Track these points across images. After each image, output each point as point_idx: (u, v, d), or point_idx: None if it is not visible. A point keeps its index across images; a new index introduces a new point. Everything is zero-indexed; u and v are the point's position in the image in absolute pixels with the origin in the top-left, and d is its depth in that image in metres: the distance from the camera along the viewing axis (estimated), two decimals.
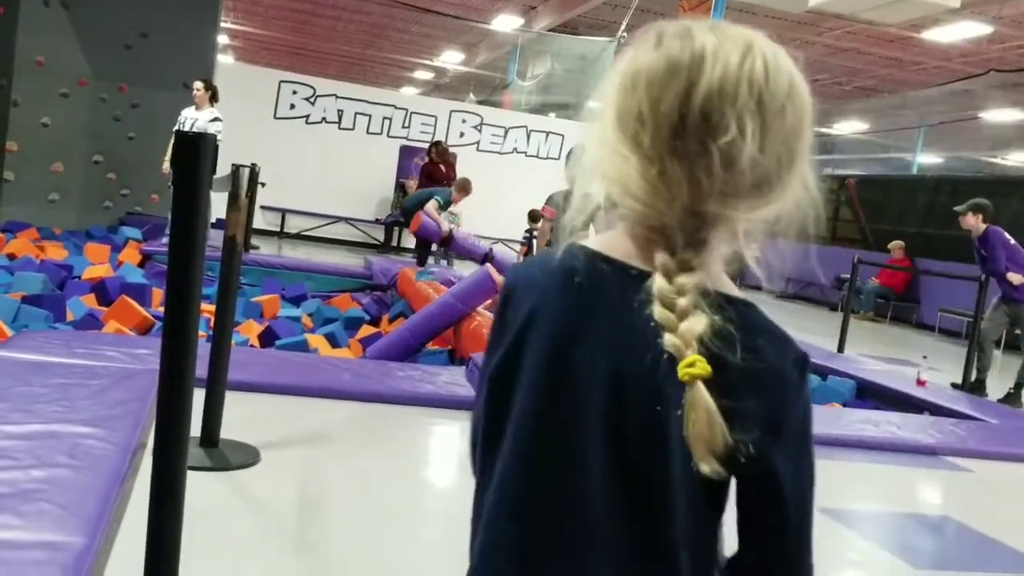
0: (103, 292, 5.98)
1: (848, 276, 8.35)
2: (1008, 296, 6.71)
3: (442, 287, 6.54)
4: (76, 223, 9.80)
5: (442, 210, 8.91)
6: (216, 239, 3.70)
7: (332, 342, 5.66)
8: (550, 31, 17.23)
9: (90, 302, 5.77)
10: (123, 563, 2.12)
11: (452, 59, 22.61)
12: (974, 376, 6.73)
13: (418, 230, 8.91)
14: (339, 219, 13.32)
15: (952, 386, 6.69)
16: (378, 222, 13.60)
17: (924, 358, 6.46)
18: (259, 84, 13.03)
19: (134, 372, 3.47)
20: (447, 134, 13.71)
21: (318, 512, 2.69)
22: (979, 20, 14.26)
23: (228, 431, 3.09)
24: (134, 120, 10.16)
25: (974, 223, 6.78)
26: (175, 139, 1.81)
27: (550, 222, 5.40)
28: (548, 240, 5.48)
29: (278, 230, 13.08)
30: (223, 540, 2.43)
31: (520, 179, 13.07)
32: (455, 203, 9.38)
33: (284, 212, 13.05)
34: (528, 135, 14.19)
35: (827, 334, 9.09)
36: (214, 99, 8.68)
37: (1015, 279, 6.57)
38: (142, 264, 7.69)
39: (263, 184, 10.20)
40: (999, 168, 24.44)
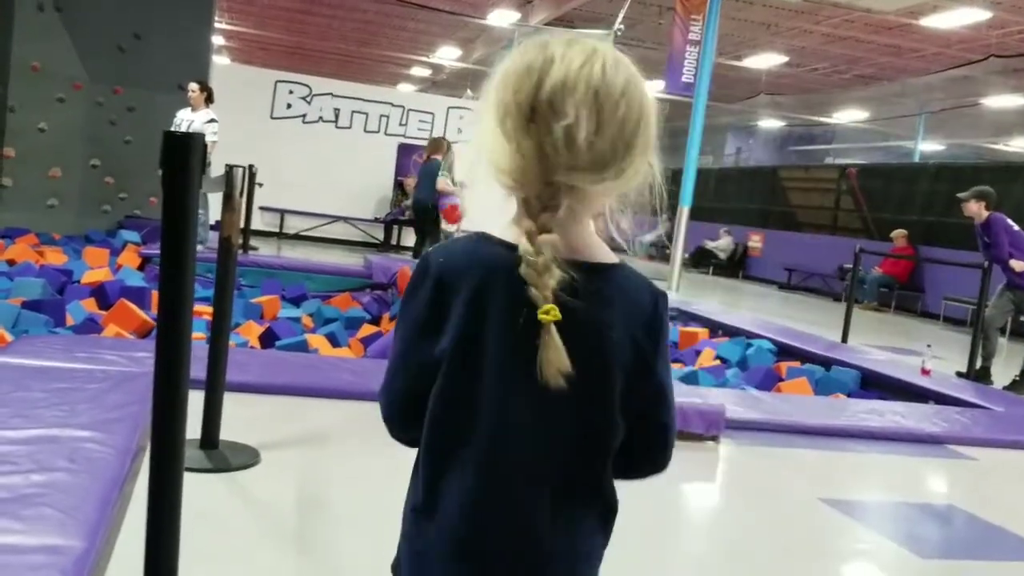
0: (103, 296, 5.97)
1: (851, 266, 8.32)
2: (1012, 283, 6.68)
3: None
4: (75, 228, 9.79)
5: (452, 180, 8.97)
6: (217, 241, 3.68)
7: (333, 342, 5.64)
8: (546, 25, 17.19)
9: (90, 306, 5.75)
10: (123, 566, 2.11)
11: (449, 55, 22.58)
12: (979, 364, 6.71)
13: (457, 218, 8.79)
14: (338, 218, 13.32)
15: (957, 374, 6.67)
16: (377, 221, 13.58)
17: (928, 347, 6.44)
18: (255, 84, 13.01)
19: (133, 375, 3.46)
20: (445, 130, 13.69)
21: (319, 513, 2.67)
22: (977, 6, 14.21)
23: (228, 432, 3.07)
24: (130, 123, 10.15)
25: (977, 210, 6.75)
26: (164, 140, 1.78)
27: None
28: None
29: (277, 231, 13.07)
30: (223, 541, 2.42)
31: None
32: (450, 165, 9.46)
33: (283, 212, 13.04)
34: None
35: (831, 324, 9.07)
36: (210, 100, 8.66)
37: (1018, 266, 6.55)
38: (141, 267, 7.68)
39: (261, 184, 10.21)
40: (1001, 154, 24.38)
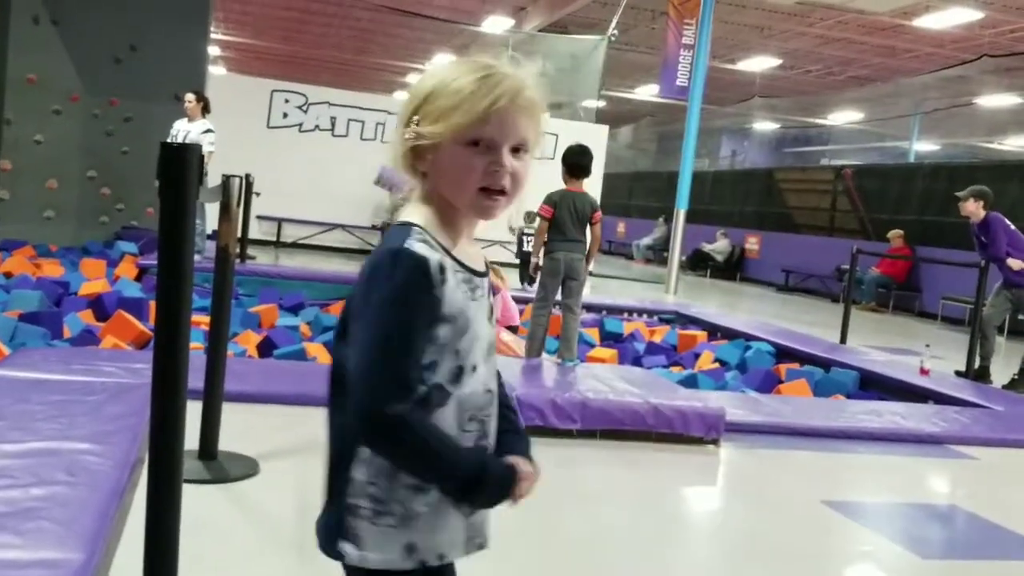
0: (100, 307, 5.96)
1: (848, 267, 8.33)
2: (1010, 281, 6.69)
3: None
4: (72, 239, 9.78)
5: None
6: (214, 251, 3.68)
7: (331, 350, 5.63)
8: (540, 31, 17.23)
9: (87, 318, 5.74)
10: None
11: (444, 62, 22.60)
12: (977, 363, 6.71)
13: None
14: (335, 226, 13.31)
15: (956, 374, 6.67)
16: (374, 228, 13.58)
17: (927, 347, 6.44)
18: (251, 94, 13.01)
19: (131, 387, 3.45)
20: None
21: None
22: (970, 6, 14.26)
23: (227, 443, 3.07)
24: (127, 134, 10.14)
25: (974, 209, 6.76)
26: (161, 150, 1.78)
27: (547, 221, 5.37)
28: (545, 238, 5.44)
29: (274, 239, 13.06)
30: (223, 552, 2.41)
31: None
32: None
33: (280, 221, 13.03)
34: None
35: (829, 326, 9.07)
36: (206, 110, 8.66)
37: (1016, 264, 6.55)
38: (139, 278, 7.67)
39: (258, 194, 10.20)
40: (996, 153, 24.43)
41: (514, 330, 6.88)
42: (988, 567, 2.98)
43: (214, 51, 22.13)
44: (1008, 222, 6.77)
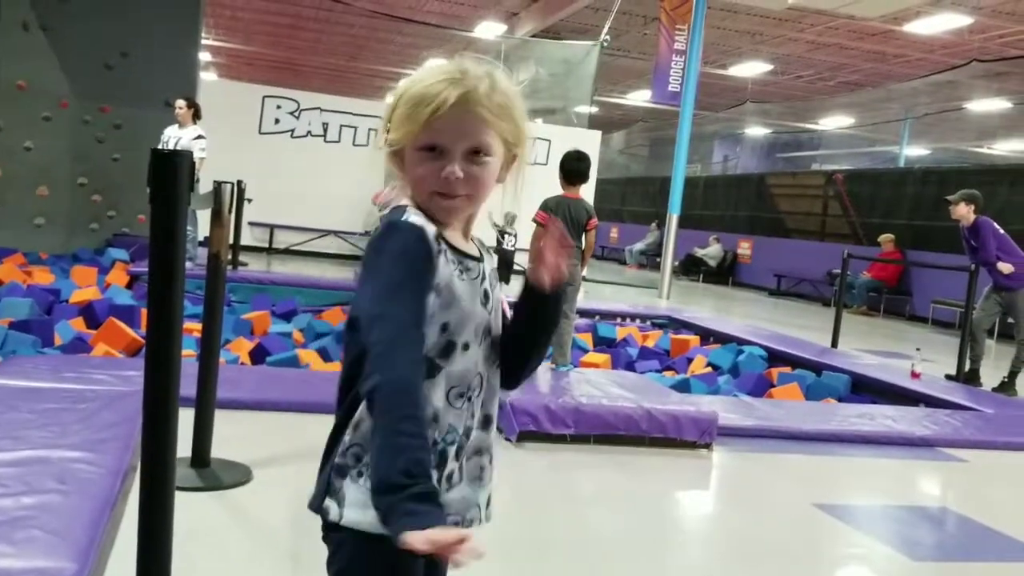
0: (91, 315, 5.94)
1: (839, 271, 8.35)
2: (1000, 285, 6.72)
3: None
4: (63, 247, 9.75)
5: None
6: (206, 258, 3.68)
7: (324, 356, 5.63)
8: (533, 37, 17.26)
9: (78, 325, 5.73)
10: None
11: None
12: (968, 366, 6.73)
13: None
14: (328, 232, 13.29)
15: (946, 377, 6.70)
16: (367, 234, 13.56)
17: (917, 350, 6.46)
18: (243, 100, 12.99)
19: (123, 394, 3.44)
20: None
21: (312, 530, 2.65)
22: (959, 11, 14.34)
23: (220, 450, 3.06)
24: (118, 141, 10.12)
25: (965, 213, 6.79)
26: (152, 157, 1.78)
27: (542, 227, 5.38)
28: (541, 243, 5.45)
29: (266, 246, 13.03)
30: (216, 560, 2.41)
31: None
32: None
33: (272, 227, 13.01)
34: None
35: (821, 329, 9.10)
36: (197, 117, 8.65)
37: (1005, 268, 6.59)
38: (130, 285, 7.64)
39: (250, 200, 10.18)
40: (985, 158, 24.54)
41: None
42: (979, 569, 2.99)
43: (205, 57, 22.10)
44: (997, 226, 6.81)
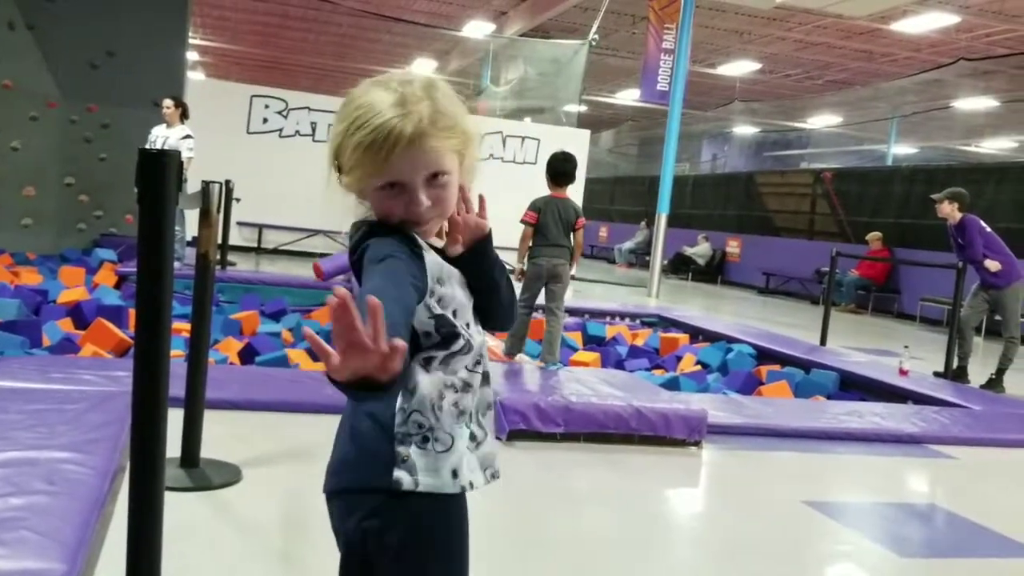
0: (79, 315, 5.91)
1: (828, 269, 8.39)
2: (987, 283, 6.76)
3: None
4: (50, 247, 9.69)
5: None
6: (194, 258, 3.66)
7: (314, 356, 5.62)
8: (522, 36, 17.27)
9: (66, 326, 5.70)
10: None
11: (425, 67, 22.61)
12: (956, 363, 6.77)
13: None
14: (317, 232, 13.26)
15: (934, 374, 6.73)
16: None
17: (906, 348, 6.50)
18: (230, 99, 12.95)
19: (112, 395, 3.43)
20: None
21: (302, 529, 2.66)
22: (946, 10, 14.42)
23: (209, 450, 3.05)
24: (105, 140, 10.07)
25: (950, 211, 6.83)
26: (139, 157, 1.77)
27: (531, 227, 5.42)
28: (529, 244, 5.46)
29: (255, 246, 13.00)
30: (206, 560, 2.40)
31: (498, 185, 13.04)
32: None
33: (261, 227, 12.98)
34: (504, 140, 14.18)
35: (809, 327, 9.13)
36: (184, 116, 8.61)
37: (992, 266, 6.62)
38: (118, 285, 7.61)
39: (238, 200, 10.14)
40: (972, 156, 24.68)
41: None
42: (967, 565, 3.01)
43: (192, 56, 22.02)
44: (984, 224, 6.85)
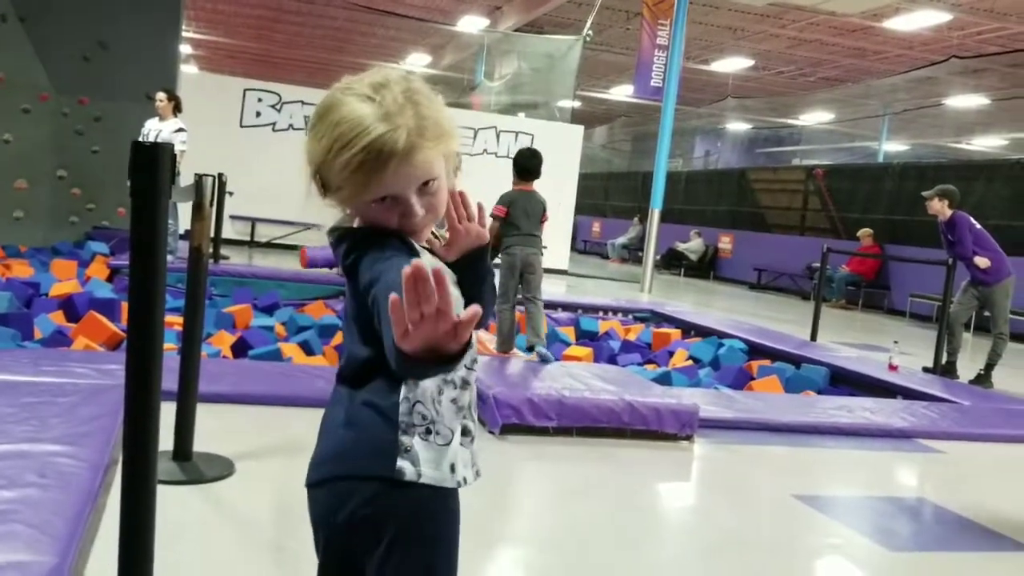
0: (71, 308, 5.90)
1: (819, 265, 8.42)
2: (976, 279, 6.79)
3: None
4: (42, 240, 9.66)
5: None
6: (187, 251, 3.66)
7: (307, 350, 5.62)
8: (516, 31, 17.25)
9: (58, 319, 5.68)
10: None
11: (419, 61, 22.59)
12: (945, 359, 6.81)
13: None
14: (310, 226, 13.24)
15: (924, 370, 6.77)
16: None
17: (895, 343, 6.53)
18: (224, 93, 12.92)
19: (104, 388, 3.43)
20: None
21: (295, 523, 2.66)
22: (938, 8, 14.46)
23: (202, 444, 3.06)
24: (97, 133, 10.04)
25: (940, 208, 6.86)
26: (132, 149, 1.77)
27: (500, 220, 5.55)
28: (497, 237, 5.56)
29: (248, 239, 12.98)
30: (199, 553, 2.41)
31: (492, 180, 13.04)
32: None
33: (254, 221, 12.95)
34: (498, 136, 14.19)
35: (800, 323, 9.17)
36: (178, 109, 8.59)
37: (982, 262, 6.66)
38: (110, 278, 7.59)
39: (231, 193, 10.14)
40: (963, 153, 24.77)
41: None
42: (955, 559, 3.04)
43: (186, 49, 21.93)
44: (973, 221, 6.88)
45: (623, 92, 22.51)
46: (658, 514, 3.35)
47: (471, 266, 1.27)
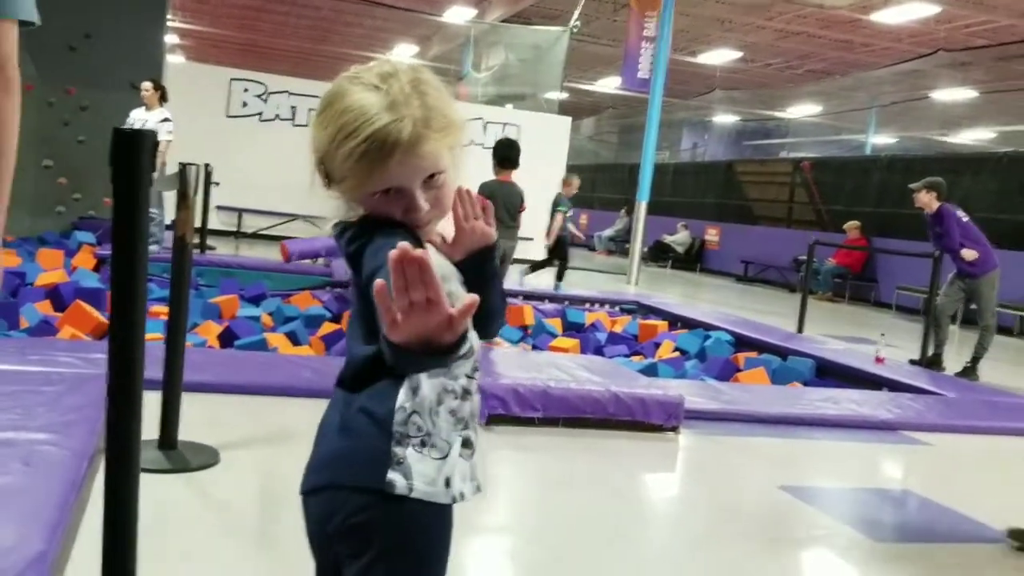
0: (58, 298, 5.88)
1: (805, 257, 8.45)
2: (963, 271, 6.82)
3: None
4: (29, 229, 9.59)
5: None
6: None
7: (293, 340, 5.60)
8: (503, 22, 17.21)
9: (44, 308, 5.66)
10: (81, 568, 2.10)
11: (406, 52, 22.49)
12: (931, 351, 6.85)
13: None
14: (296, 217, 13.20)
15: (910, 362, 6.81)
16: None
17: (882, 336, 6.56)
18: (210, 82, 12.84)
19: (89, 377, 3.41)
20: None
21: (280, 511, 2.66)
22: (926, 1, 14.50)
23: (187, 433, 3.05)
24: (83, 123, 9.98)
25: (927, 200, 6.88)
26: (113, 135, 1.76)
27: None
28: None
29: (235, 230, 12.92)
30: (183, 541, 2.40)
31: (479, 171, 13.01)
32: None
33: (240, 211, 12.90)
34: (485, 127, 14.15)
35: (787, 315, 9.20)
36: (163, 99, 8.54)
37: (969, 255, 6.69)
38: (97, 268, 7.55)
39: (217, 183, 10.09)
40: (950, 147, 24.88)
41: None
42: (940, 550, 3.06)
43: (171, 39, 21.78)
44: (961, 213, 6.91)
45: (610, 84, 22.49)
46: (644, 505, 3.36)
47: (478, 266, 1.24)
